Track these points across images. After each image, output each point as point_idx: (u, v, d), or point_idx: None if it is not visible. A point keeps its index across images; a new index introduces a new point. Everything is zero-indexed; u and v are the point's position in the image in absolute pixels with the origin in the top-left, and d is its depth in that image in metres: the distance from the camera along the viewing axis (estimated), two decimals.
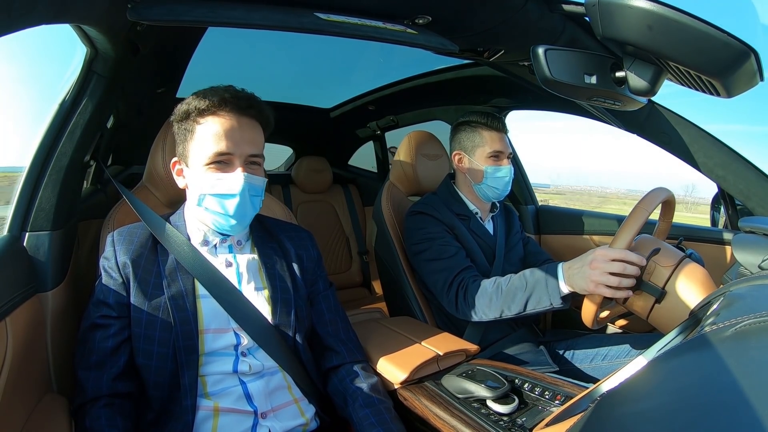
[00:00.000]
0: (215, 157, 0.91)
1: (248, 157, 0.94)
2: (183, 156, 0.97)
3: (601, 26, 0.84)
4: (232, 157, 0.92)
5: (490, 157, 1.45)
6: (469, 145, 1.48)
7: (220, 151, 0.91)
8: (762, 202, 1.37)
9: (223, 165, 0.92)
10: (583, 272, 1.06)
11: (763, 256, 0.97)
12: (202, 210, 0.95)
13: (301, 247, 1.11)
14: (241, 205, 0.93)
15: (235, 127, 0.92)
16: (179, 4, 0.82)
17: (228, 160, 0.93)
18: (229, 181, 0.92)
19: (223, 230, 0.98)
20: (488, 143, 1.45)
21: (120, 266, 0.93)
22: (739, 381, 0.37)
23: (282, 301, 1.00)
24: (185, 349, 0.90)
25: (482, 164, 1.45)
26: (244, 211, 0.94)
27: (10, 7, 0.59)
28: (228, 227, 0.96)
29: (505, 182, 1.46)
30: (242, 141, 0.93)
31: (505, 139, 1.48)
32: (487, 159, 1.45)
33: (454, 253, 1.36)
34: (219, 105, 0.92)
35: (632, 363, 0.64)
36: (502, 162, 1.46)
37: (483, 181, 1.46)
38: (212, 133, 0.92)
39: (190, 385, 0.89)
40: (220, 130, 0.92)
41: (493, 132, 1.46)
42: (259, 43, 2.15)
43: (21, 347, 0.84)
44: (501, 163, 1.46)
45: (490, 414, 0.91)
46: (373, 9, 1.03)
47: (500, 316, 1.22)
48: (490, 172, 1.45)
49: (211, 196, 0.93)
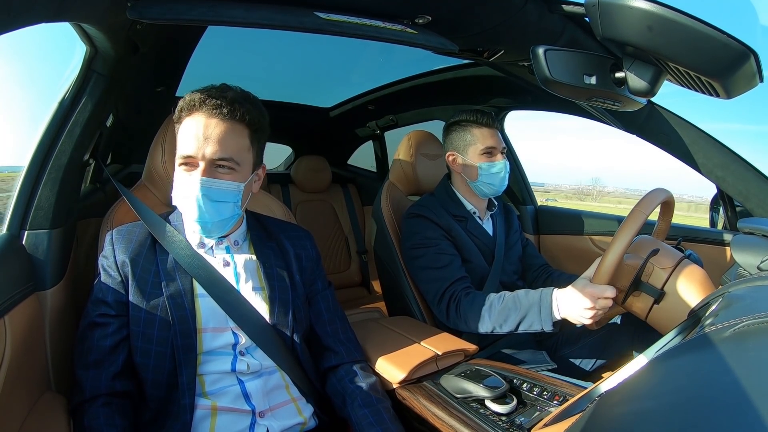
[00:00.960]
0: (181, 159, 0.90)
1: (214, 161, 0.90)
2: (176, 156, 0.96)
3: (601, 27, 0.84)
4: (194, 159, 0.89)
5: (483, 153, 1.45)
6: (461, 144, 1.48)
7: (183, 154, 0.90)
8: (761, 203, 1.37)
9: (189, 167, 0.90)
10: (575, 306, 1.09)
11: (762, 257, 0.97)
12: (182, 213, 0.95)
13: (300, 247, 1.11)
14: (200, 209, 0.90)
15: (202, 130, 0.89)
16: (179, 3, 0.82)
17: (191, 162, 0.90)
18: (186, 184, 0.90)
19: (204, 234, 0.97)
20: (480, 140, 1.46)
21: (119, 265, 0.93)
22: (738, 381, 0.37)
23: (280, 301, 1.00)
24: (183, 348, 0.90)
25: (476, 161, 1.46)
26: (204, 217, 0.91)
27: (10, 5, 0.59)
28: (203, 230, 0.94)
29: (500, 177, 1.46)
30: (207, 144, 0.88)
31: (497, 135, 1.47)
32: (481, 156, 1.45)
33: (448, 262, 1.37)
34: (197, 105, 0.90)
35: (631, 363, 0.65)
36: (496, 157, 1.46)
37: (478, 178, 1.47)
38: (183, 134, 0.91)
39: (188, 384, 0.89)
40: (190, 131, 0.90)
41: (484, 128, 1.46)
42: (258, 42, 2.15)
43: (19, 345, 0.83)
44: (494, 159, 1.46)
45: (489, 414, 0.91)
46: (373, 9, 1.03)
47: (491, 332, 1.24)
48: (484, 169, 1.45)
49: (179, 199, 0.92)
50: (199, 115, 0.90)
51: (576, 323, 1.12)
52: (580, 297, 1.07)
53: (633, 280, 1.07)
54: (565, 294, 1.11)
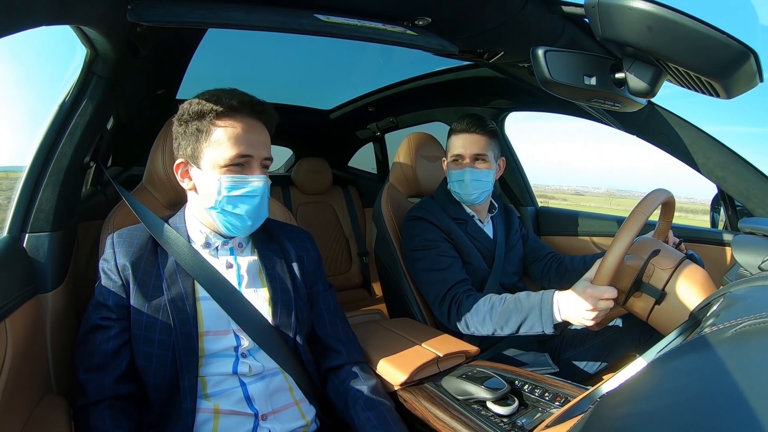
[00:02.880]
0: (236, 159, 0.92)
1: (264, 160, 0.96)
2: (193, 157, 0.94)
3: (601, 27, 0.84)
4: (251, 159, 0.94)
5: (452, 161, 1.48)
6: (447, 150, 1.52)
7: (241, 153, 0.92)
8: (762, 203, 1.37)
9: (240, 168, 0.93)
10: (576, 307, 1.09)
11: (763, 257, 0.97)
12: (215, 212, 0.95)
13: (301, 249, 1.11)
14: (259, 206, 0.95)
15: (253, 131, 0.94)
16: (179, 6, 0.83)
17: (247, 162, 0.93)
18: (251, 182, 0.93)
19: (235, 232, 0.98)
20: (451, 148, 1.48)
21: (119, 268, 0.93)
22: (739, 382, 0.37)
23: (282, 303, 1.00)
24: (185, 352, 0.89)
25: (446, 168, 1.51)
26: (260, 213, 0.96)
27: (10, 7, 0.59)
28: (242, 228, 0.96)
29: (464, 185, 1.43)
30: (259, 144, 0.94)
31: (475, 142, 1.43)
32: (450, 163, 1.48)
33: (448, 264, 1.37)
34: (237, 108, 0.93)
35: (632, 364, 0.64)
36: (461, 165, 1.44)
37: (449, 185, 1.49)
38: (232, 135, 0.91)
39: (190, 387, 0.89)
40: (240, 132, 0.92)
41: (459, 135, 1.45)
42: (259, 44, 2.15)
43: (20, 348, 0.83)
44: (460, 167, 1.45)
45: (490, 415, 0.91)
46: (372, 10, 1.03)
47: (492, 334, 1.24)
48: (451, 176, 1.48)
49: (230, 197, 0.92)
50: (244, 117, 0.94)
51: (577, 325, 1.12)
52: (581, 298, 1.06)
53: (634, 280, 1.07)
54: (566, 295, 1.11)
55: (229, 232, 0.98)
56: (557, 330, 1.14)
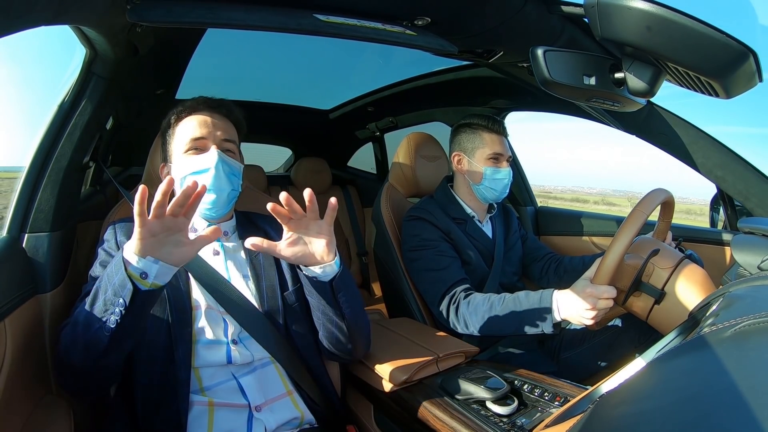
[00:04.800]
0: (191, 143, 1.00)
1: (222, 141, 1.02)
2: (167, 156, 1.06)
3: (600, 27, 0.84)
4: (206, 141, 1.01)
5: (489, 158, 1.47)
6: (469, 146, 1.50)
7: (195, 137, 1.01)
8: (761, 203, 1.37)
9: (198, 150, 1.01)
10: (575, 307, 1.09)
11: (762, 256, 0.97)
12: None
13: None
14: (216, 177, 0.98)
15: (208, 120, 1.03)
16: (178, 6, 0.83)
17: (202, 145, 1.01)
18: (204, 158, 0.99)
19: (207, 212, 1.01)
20: (488, 145, 1.47)
21: (119, 244, 0.97)
22: (739, 382, 0.37)
23: (268, 288, 1.03)
24: (179, 323, 0.91)
25: (481, 166, 1.47)
26: (220, 185, 0.99)
27: (9, 7, 0.59)
28: (209, 203, 0.99)
29: (503, 184, 1.48)
30: (213, 126, 1.03)
31: (505, 143, 1.50)
32: (487, 161, 1.47)
33: (447, 264, 1.37)
34: (194, 107, 1.04)
35: (632, 364, 0.64)
36: (501, 164, 1.48)
37: (482, 183, 1.48)
38: (189, 126, 1.02)
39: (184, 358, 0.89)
40: (195, 123, 1.02)
41: (494, 134, 1.48)
42: (258, 44, 2.15)
43: (20, 348, 0.83)
44: (500, 166, 1.48)
45: (490, 415, 0.91)
46: (372, 10, 1.03)
47: (491, 334, 1.24)
48: (489, 174, 1.46)
49: (189, 175, 0.98)
50: (200, 111, 1.04)
51: (577, 324, 1.12)
52: (580, 298, 1.07)
53: (633, 280, 1.07)
54: (566, 295, 1.11)
55: (203, 215, 1.03)
56: (557, 329, 1.15)
